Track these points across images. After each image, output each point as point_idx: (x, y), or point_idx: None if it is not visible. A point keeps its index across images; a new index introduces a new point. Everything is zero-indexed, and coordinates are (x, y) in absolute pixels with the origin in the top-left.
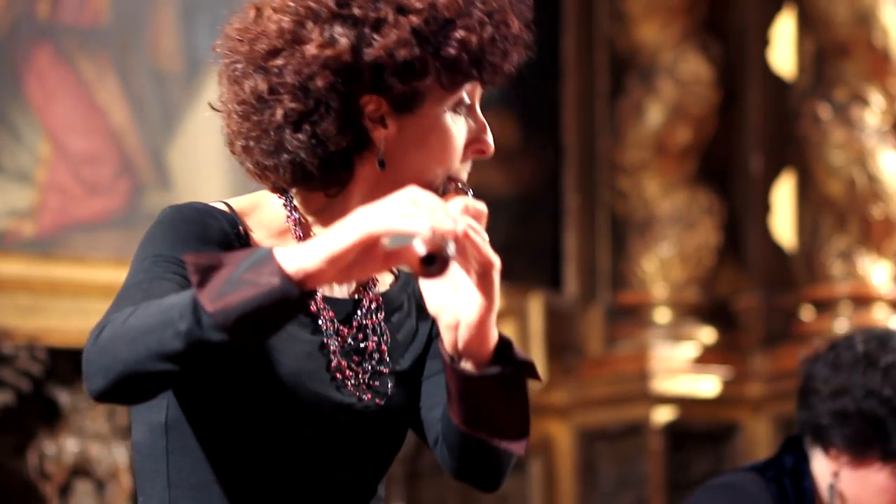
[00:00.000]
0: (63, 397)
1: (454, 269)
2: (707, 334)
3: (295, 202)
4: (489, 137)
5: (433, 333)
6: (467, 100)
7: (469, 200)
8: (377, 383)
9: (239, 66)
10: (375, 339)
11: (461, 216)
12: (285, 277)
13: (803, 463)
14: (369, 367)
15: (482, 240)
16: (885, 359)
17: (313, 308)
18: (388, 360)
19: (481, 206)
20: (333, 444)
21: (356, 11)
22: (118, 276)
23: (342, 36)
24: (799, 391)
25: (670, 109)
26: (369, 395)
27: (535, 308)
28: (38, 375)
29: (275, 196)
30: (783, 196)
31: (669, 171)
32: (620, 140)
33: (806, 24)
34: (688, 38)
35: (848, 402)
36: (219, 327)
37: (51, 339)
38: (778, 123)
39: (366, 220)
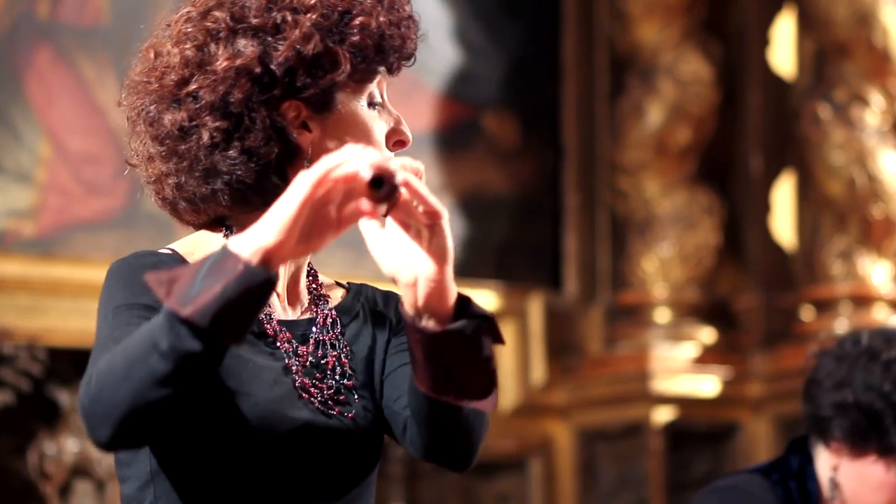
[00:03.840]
0: (63, 397)
1: (402, 230)
2: (707, 334)
3: (234, 231)
4: (405, 128)
5: (391, 335)
6: (378, 96)
7: (406, 159)
8: (343, 397)
9: (152, 107)
10: (335, 353)
11: (401, 169)
12: (245, 262)
13: (808, 465)
14: (332, 383)
15: (426, 191)
16: (887, 354)
17: (270, 332)
18: (349, 372)
19: (419, 164)
20: (314, 465)
21: (254, 21)
22: None
23: (247, 46)
24: (804, 384)
25: (670, 109)
26: (337, 410)
27: (535, 308)
28: (38, 375)
29: (214, 234)
30: (783, 196)
31: (669, 171)
32: (620, 140)
33: (806, 24)
34: (688, 38)
35: (847, 394)
36: (197, 332)
37: (51, 339)
38: (778, 123)
39: (305, 176)
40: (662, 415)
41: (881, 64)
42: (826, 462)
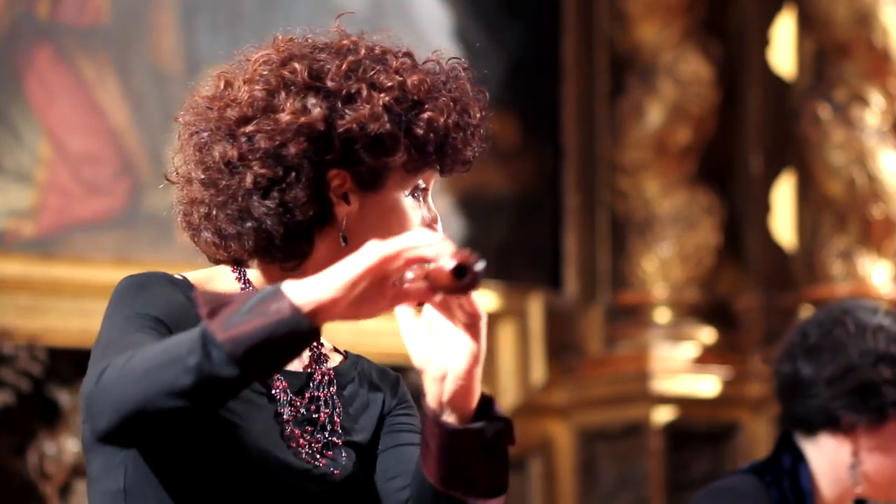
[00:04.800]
0: (63, 397)
1: (438, 322)
2: (707, 334)
3: (249, 276)
4: (440, 228)
5: (385, 410)
6: (422, 184)
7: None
8: (331, 453)
9: (206, 133)
10: (328, 410)
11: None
12: (295, 308)
13: (800, 462)
14: (321, 438)
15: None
16: (874, 322)
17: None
18: (339, 431)
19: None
20: None
21: (329, 84)
22: (118, 275)
23: (315, 106)
24: (783, 391)
25: (670, 109)
26: (324, 462)
27: (535, 308)
28: (38, 375)
29: (228, 269)
30: (783, 196)
31: (669, 171)
32: (620, 140)
33: (806, 24)
34: (688, 38)
35: (851, 373)
36: (229, 359)
37: (51, 339)
38: (778, 123)
39: (378, 246)
40: (662, 415)
41: (881, 64)
42: (836, 453)
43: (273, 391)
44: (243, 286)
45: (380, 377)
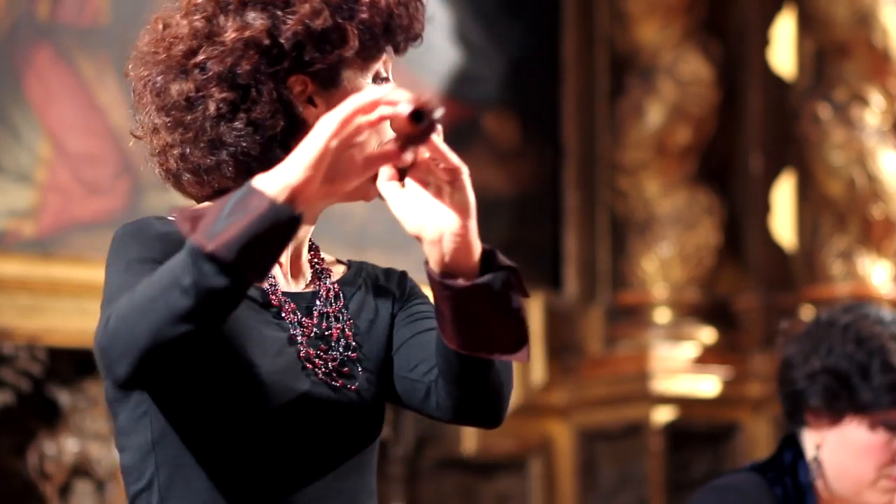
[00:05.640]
0: (63, 397)
1: (422, 187)
2: (707, 334)
3: None
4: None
5: (395, 309)
6: (384, 73)
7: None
8: (347, 369)
9: (159, 77)
10: (339, 325)
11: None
12: (271, 199)
13: (800, 459)
14: (336, 355)
15: (446, 148)
16: (845, 319)
17: (275, 302)
18: (353, 343)
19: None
20: (315, 436)
21: None
22: None
23: (256, 19)
24: (777, 371)
25: (670, 109)
26: (341, 382)
27: (535, 308)
28: (38, 375)
29: None
30: (783, 196)
31: (669, 171)
32: (620, 140)
33: (806, 24)
34: (688, 38)
35: (815, 362)
36: (221, 267)
37: (51, 339)
38: (778, 123)
39: (331, 115)
40: (662, 415)
41: (881, 64)
42: (811, 443)
43: (282, 315)
44: None
45: (385, 277)
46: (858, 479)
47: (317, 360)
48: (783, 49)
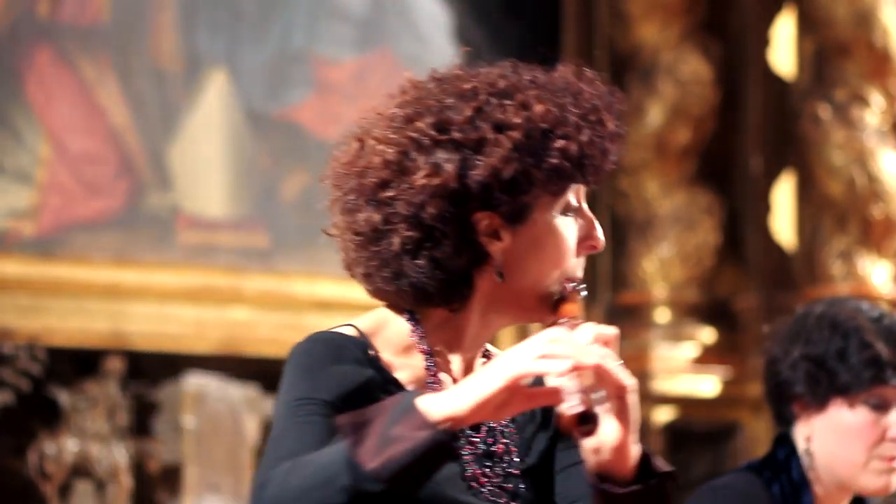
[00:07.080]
0: (63, 397)
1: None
2: (707, 334)
3: (417, 316)
4: (599, 233)
5: (555, 427)
6: (574, 202)
7: (599, 328)
8: (510, 485)
9: (350, 198)
10: (504, 441)
11: (596, 347)
12: (434, 427)
13: (793, 456)
14: (500, 470)
15: (615, 367)
16: (819, 310)
17: None
18: (517, 460)
19: (611, 331)
20: None
21: (456, 136)
22: (118, 276)
23: (447, 162)
24: (764, 374)
25: (670, 109)
26: (504, 500)
27: None
28: (38, 375)
29: (395, 314)
30: (783, 196)
31: (669, 171)
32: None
33: (806, 24)
34: (688, 38)
35: (794, 351)
36: (377, 482)
37: (51, 339)
38: (778, 123)
39: (509, 365)
40: (662, 415)
41: (881, 64)
42: (801, 437)
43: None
44: (413, 329)
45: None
46: (850, 463)
47: (482, 478)
48: (783, 49)
